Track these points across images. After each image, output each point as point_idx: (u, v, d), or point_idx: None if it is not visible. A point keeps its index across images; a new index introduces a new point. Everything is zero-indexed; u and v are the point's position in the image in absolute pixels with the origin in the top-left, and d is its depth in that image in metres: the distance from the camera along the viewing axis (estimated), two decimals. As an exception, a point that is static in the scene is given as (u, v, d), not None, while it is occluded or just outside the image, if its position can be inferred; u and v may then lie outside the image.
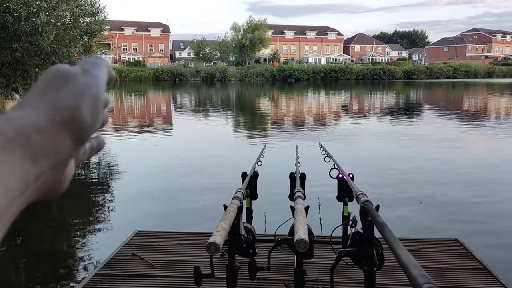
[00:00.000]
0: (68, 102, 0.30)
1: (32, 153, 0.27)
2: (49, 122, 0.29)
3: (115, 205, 5.50)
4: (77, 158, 0.34)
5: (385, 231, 1.65)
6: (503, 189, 6.09)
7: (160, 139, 11.35)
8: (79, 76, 0.32)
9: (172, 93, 34.88)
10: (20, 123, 0.27)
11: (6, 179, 0.25)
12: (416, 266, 1.22)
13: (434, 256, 3.14)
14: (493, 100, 25.85)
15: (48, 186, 0.29)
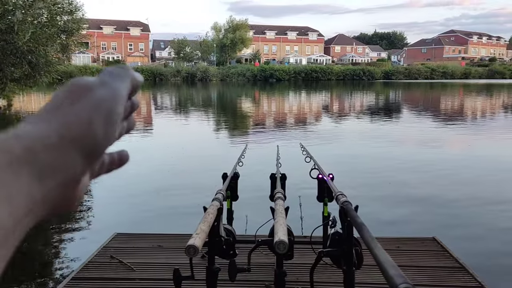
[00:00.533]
0: (79, 117, 0.29)
1: (39, 171, 0.26)
2: (59, 138, 0.28)
3: (93, 207, 5.41)
4: (93, 173, 0.33)
5: (363, 231, 1.67)
6: (480, 188, 6.23)
7: (139, 139, 11.22)
8: (95, 89, 0.31)
9: (152, 93, 34.55)
10: (29, 140, 0.27)
11: (10, 200, 0.24)
12: (393, 266, 1.23)
13: (412, 255, 3.19)
14: (469, 101, 26.44)
15: (58, 203, 0.28)
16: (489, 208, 5.25)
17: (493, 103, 25.16)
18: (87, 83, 0.32)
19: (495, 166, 7.79)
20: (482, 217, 4.94)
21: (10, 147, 0.26)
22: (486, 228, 4.58)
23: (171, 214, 5.07)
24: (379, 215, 4.91)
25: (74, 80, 0.32)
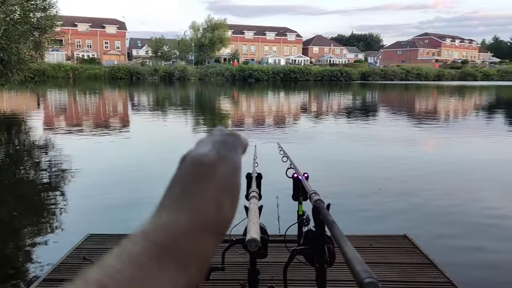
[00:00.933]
0: (209, 203, 0.30)
1: (183, 261, 0.27)
2: (195, 227, 0.29)
3: (66, 207, 5.31)
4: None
5: (334, 228, 1.70)
6: (450, 187, 6.40)
7: (115, 139, 11.08)
8: (217, 167, 0.32)
9: (129, 92, 34.10)
10: (170, 231, 0.28)
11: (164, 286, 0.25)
12: (360, 262, 1.27)
13: (384, 252, 3.26)
14: (443, 102, 27.09)
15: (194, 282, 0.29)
16: (459, 206, 5.40)
17: (465, 104, 25.85)
18: (208, 161, 0.32)
19: (466, 165, 8.02)
20: (452, 215, 5.09)
21: (157, 241, 0.27)
22: (455, 226, 4.72)
23: (145, 214, 5.02)
24: (352, 213, 4.99)
25: (192, 157, 0.33)
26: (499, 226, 4.75)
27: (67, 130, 12.20)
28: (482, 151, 9.77)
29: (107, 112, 18.96)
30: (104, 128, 12.94)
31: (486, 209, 5.32)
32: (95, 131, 12.06)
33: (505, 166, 8.05)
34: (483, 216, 5.05)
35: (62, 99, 25.94)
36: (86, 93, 31.42)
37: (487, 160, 8.53)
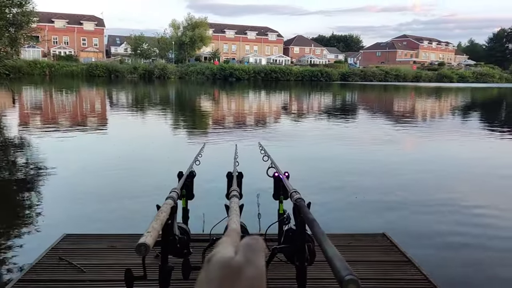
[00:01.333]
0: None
1: None
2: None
3: (41, 207, 5.19)
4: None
5: (314, 227, 1.71)
6: (428, 185, 6.52)
7: (92, 137, 10.90)
8: (244, 271, 0.33)
9: (108, 90, 33.60)
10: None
11: None
12: (340, 259, 1.27)
13: (363, 250, 3.30)
14: (420, 103, 27.60)
15: None
16: (436, 205, 5.51)
17: (442, 105, 26.40)
18: (236, 265, 0.34)
19: (443, 164, 8.19)
20: (430, 213, 5.18)
21: None
22: (432, 224, 4.81)
23: (123, 214, 4.96)
24: (332, 212, 5.04)
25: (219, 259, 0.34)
26: (476, 224, 4.86)
27: (43, 128, 11.94)
28: (458, 150, 9.99)
29: (84, 110, 18.64)
30: (81, 127, 12.71)
31: (462, 207, 5.44)
32: (71, 130, 11.83)
33: (480, 164, 8.25)
34: (460, 214, 5.17)
35: (38, 97, 25.38)
36: (62, 90, 30.81)
37: (463, 159, 8.74)
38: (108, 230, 3.91)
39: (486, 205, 5.65)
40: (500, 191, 6.48)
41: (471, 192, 6.39)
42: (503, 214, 5.31)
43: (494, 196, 6.16)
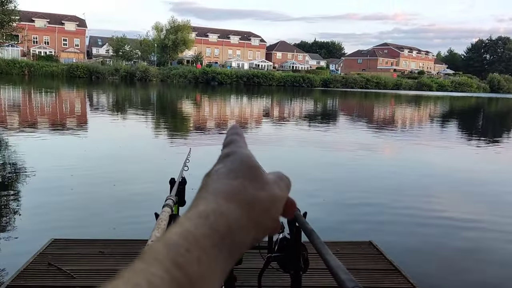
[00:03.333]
0: (262, 205, 0.32)
1: (233, 252, 0.29)
2: (248, 221, 0.30)
3: (26, 211, 5.10)
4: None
5: (313, 237, 1.75)
6: (413, 193, 6.65)
7: (71, 139, 10.74)
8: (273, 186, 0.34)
9: (88, 91, 33.12)
10: (230, 222, 0.29)
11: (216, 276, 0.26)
12: (344, 270, 1.32)
13: (350, 258, 3.36)
14: (400, 111, 28.10)
15: None
16: (422, 213, 5.63)
17: (421, 113, 26.93)
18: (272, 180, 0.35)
19: (426, 171, 8.35)
20: (415, 222, 5.29)
21: (217, 226, 0.28)
22: (419, 232, 4.91)
23: (111, 218, 4.91)
24: (318, 220, 5.09)
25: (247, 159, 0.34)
26: (462, 232, 4.99)
27: (21, 129, 11.71)
28: (441, 158, 10.21)
29: (64, 111, 18.34)
30: (60, 128, 12.51)
31: (448, 215, 5.57)
32: (51, 131, 11.64)
33: (465, 173, 8.46)
34: (446, 223, 5.28)
35: (16, 97, 24.84)
36: (42, 91, 30.23)
37: (446, 167, 8.92)
38: (96, 235, 3.88)
39: (470, 212, 5.80)
40: (482, 199, 6.65)
41: (458, 200, 6.55)
42: (490, 221, 5.46)
43: (479, 204, 6.34)
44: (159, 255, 0.24)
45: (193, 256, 0.25)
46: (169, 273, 0.23)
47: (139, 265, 0.24)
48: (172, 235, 0.26)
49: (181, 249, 0.25)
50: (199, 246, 0.26)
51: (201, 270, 0.25)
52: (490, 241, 4.75)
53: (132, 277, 0.23)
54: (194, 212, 0.29)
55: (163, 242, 0.25)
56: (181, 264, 0.24)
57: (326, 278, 2.72)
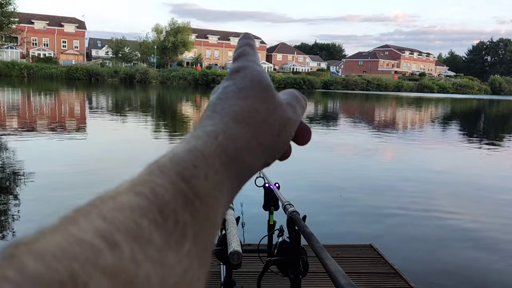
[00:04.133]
0: (273, 129, 0.31)
1: (241, 172, 0.28)
2: (257, 145, 0.30)
3: (20, 213, 5.07)
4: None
5: (312, 241, 1.73)
6: (414, 196, 6.61)
7: (70, 142, 10.71)
8: (285, 108, 0.33)
9: (87, 93, 33.12)
10: (238, 143, 0.28)
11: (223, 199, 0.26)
12: (343, 275, 1.29)
13: (351, 261, 3.33)
14: (401, 113, 28.08)
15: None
16: (422, 216, 5.60)
17: (422, 115, 26.91)
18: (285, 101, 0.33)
19: (427, 174, 8.31)
20: (417, 225, 5.26)
21: (226, 147, 0.27)
22: (419, 235, 4.88)
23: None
24: (319, 223, 5.06)
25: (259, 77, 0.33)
26: (463, 235, 4.96)
27: (20, 132, 11.69)
28: (442, 160, 10.18)
29: (63, 113, 18.33)
30: (59, 130, 12.49)
31: (449, 219, 5.53)
32: (50, 133, 11.62)
33: (466, 175, 8.43)
34: (447, 226, 5.25)
35: (15, 99, 24.84)
36: (41, 93, 30.24)
37: (447, 170, 8.87)
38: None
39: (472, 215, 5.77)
40: (485, 202, 6.62)
41: (459, 203, 6.52)
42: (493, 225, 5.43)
43: (480, 207, 6.31)
44: (165, 168, 0.23)
45: (201, 172, 0.24)
46: (175, 185, 0.22)
47: (143, 176, 0.23)
48: (179, 150, 0.25)
49: (188, 164, 0.24)
50: (207, 163, 0.25)
51: (208, 187, 0.24)
52: (492, 245, 4.72)
53: (135, 185, 0.22)
54: (202, 131, 0.28)
55: (170, 156, 0.25)
56: (188, 178, 0.23)
57: (326, 282, 2.69)
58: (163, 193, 0.22)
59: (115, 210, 0.19)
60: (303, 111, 0.35)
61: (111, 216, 0.19)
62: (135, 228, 0.19)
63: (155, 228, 0.20)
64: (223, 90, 0.32)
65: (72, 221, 0.18)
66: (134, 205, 0.20)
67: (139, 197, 0.21)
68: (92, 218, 0.18)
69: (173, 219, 0.21)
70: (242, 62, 0.35)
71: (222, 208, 0.25)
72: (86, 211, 0.19)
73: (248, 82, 0.32)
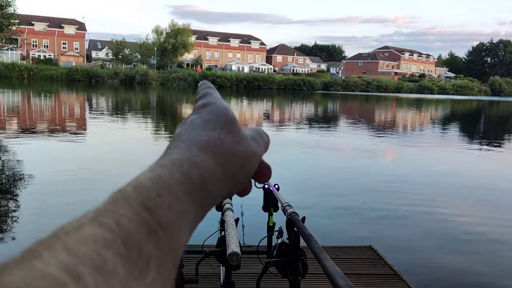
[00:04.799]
0: (238, 160, 0.32)
1: (204, 201, 0.28)
2: (222, 174, 0.30)
3: (19, 217, 5.07)
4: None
5: (311, 242, 1.73)
6: (414, 197, 6.61)
7: (70, 144, 10.71)
8: (250, 142, 0.33)
9: (87, 94, 33.14)
10: (203, 170, 0.28)
11: (192, 226, 0.26)
12: (342, 276, 1.30)
13: (350, 263, 3.33)
14: (401, 114, 28.08)
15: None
16: (422, 217, 5.60)
17: (422, 116, 26.91)
18: (249, 135, 0.34)
19: (428, 176, 8.31)
20: (416, 226, 5.26)
21: (190, 175, 0.27)
22: (419, 237, 4.88)
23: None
24: (318, 224, 5.07)
25: (221, 107, 0.34)
26: (463, 237, 4.96)
27: (20, 133, 11.69)
28: (442, 161, 10.17)
29: (63, 115, 18.33)
30: (59, 132, 12.49)
31: (449, 220, 5.54)
32: (50, 135, 11.62)
33: (466, 177, 8.43)
34: (447, 227, 5.25)
35: (15, 100, 24.85)
36: (41, 94, 30.25)
37: (447, 171, 8.87)
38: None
39: (473, 216, 5.77)
40: (485, 203, 6.61)
41: (460, 205, 6.52)
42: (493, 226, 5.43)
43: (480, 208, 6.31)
44: (129, 197, 0.24)
45: (165, 202, 0.24)
46: (139, 215, 0.23)
47: (107, 205, 0.23)
48: (144, 179, 0.25)
49: (152, 193, 0.24)
50: (171, 192, 0.25)
51: (172, 216, 0.24)
52: (493, 246, 4.72)
53: (99, 216, 0.22)
54: (167, 160, 0.28)
55: (134, 185, 0.25)
56: (152, 208, 0.23)
57: (325, 283, 2.70)
58: (127, 224, 0.22)
59: (79, 242, 0.19)
60: (266, 148, 0.36)
61: (75, 248, 0.19)
62: (99, 260, 0.19)
63: (119, 259, 0.20)
64: (190, 122, 0.33)
65: (35, 255, 0.18)
66: (98, 237, 0.20)
67: (103, 228, 0.21)
68: (56, 250, 0.18)
69: (137, 250, 0.21)
70: (208, 99, 0.36)
71: (186, 236, 0.26)
72: (49, 243, 0.19)
73: (214, 116, 0.33)
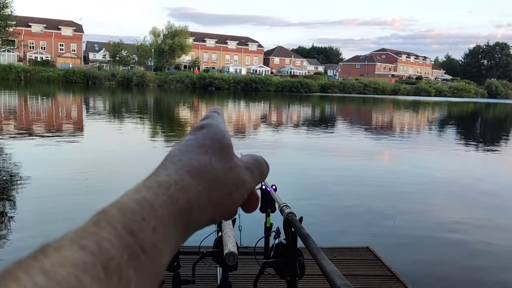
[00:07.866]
0: (226, 187, 0.31)
1: (188, 225, 0.28)
2: (208, 200, 0.30)
3: (16, 219, 5.04)
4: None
5: (309, 242, 1.73)
6: (411, 199, 6.62)
7: (67, 146, 10.68)
8: (242, 170, 0.33)
9: (84, 96, 33.06)
10: (189, 197, 0.28)
11: (168, 251, 0.26)
12: (339, 276, 1.29)
13: (348, 264, 3.33)
14: (398, 116, 28.14)
15: None
16: (420, 218, 5.60)
17: (419, 119, 26.97)
18: (244, 163, 0.33)
19: (425, 177, 8.32)
20: (413, 227, 5.26)
21: (176, 199, 0.27)
22: (416, 238, 4.88)
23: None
24: (316, 225, 5.06)
25: (219, 134, 0.33)
26: (460, 238, 4.95)
27: (16, 135, 11.64)
28: (439, 163, 10.19)
29: (60, 117, 18.28)
30: (55, 134, 12.45)
31: (446, 222, 5.54)
32: (46, 137, 11.58)
33: (462, 178, 8.44)
34: (444, 229, 5.25)
35: (12, 102, 24.77)
36: (38, 96, 30.16)
37: (445, 173, 8.88)
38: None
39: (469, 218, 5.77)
40: (482, 205, 6.62)
41: (456, 207, 6.52)
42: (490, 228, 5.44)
43: (478, 210, 6.31)
44: (113, 220, 0.23)
45: (149, 225, 0.24)
46: (121, 239, 0.22)
47: (89, 228, 0.23)
48: (128, 201, 0.25)
49: (136, 216, 0.24)
50: (155, 216, 0.25)
51: (155, 240, 0.24)
52: (490, 248, 4.72)
53: (80, 238, 0.21)
54: (154, 181, 0.28)
55: (118, 207, 0.25)
56: (135, 231, 0.23)
57: (322, 284, 2.69)
58: (108, 248, 0.21)
59: (57, 265, 0.19)
60: (262, 178, 0.35)
61: (53, 271, 0.18)
62: (76, 285, 0.18)
63: (98, 284, 0.19)
64: (185, 143, 0.33)
65: (12, 277, 0.18)
66: (77, 260, 0.20)
67: (83, 251, 0.20)
68: (33, 273, 0.18)
69: (117, 274, 0.21)
70: (208, 121, 0.36)
71: (167, 258, 0.26)
72: (27, 265, 0.19)
73: (209, 140, 0.33)
